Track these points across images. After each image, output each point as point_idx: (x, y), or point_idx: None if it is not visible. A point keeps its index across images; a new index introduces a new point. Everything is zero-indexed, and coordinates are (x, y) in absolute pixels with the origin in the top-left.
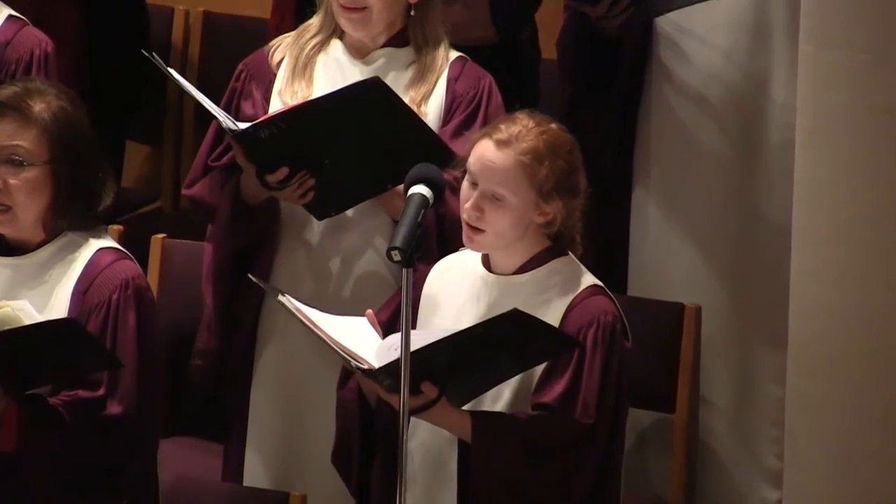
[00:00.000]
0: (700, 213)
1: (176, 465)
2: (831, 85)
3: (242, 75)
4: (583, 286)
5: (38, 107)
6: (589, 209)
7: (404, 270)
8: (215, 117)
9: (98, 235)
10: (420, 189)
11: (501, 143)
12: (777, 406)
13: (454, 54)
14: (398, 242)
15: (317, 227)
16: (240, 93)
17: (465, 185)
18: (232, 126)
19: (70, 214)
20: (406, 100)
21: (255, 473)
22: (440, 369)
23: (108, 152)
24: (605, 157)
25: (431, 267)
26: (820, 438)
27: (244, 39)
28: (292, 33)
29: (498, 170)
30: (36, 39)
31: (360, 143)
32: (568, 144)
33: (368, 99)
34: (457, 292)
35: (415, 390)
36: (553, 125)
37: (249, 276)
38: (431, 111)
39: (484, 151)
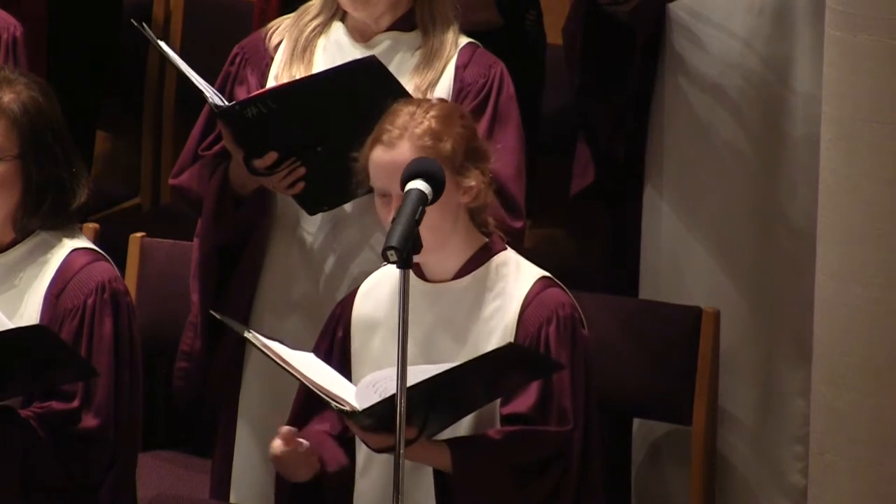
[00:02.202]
0: (717, 213)
1: (156, 481)
2: (859, 71)
3: (237, 59)
4: (532, 281)
5: (7, 97)
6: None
7: (401, 272)
8: (206, 101)
9: (72, 235)
10: (418, 184)
11: (394, 141)
12: (802, 421)
13: (464, 40)
14: (394, 242)
15: (312, 224)
16: (234, 77)
17: (378, 202)
18: (219, 102)
19: (42, 212)
20: (411, 87)
21: (244, 487)
22: (421, 407)
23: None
24: (617, 150)
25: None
26: (847, 453)
27: (228, 18)
28: (291, 15)
29: (404, 167)
30: (4, 22)
31: (356, 130)
32: (457, 110)
33: (363, 79)
34: (393, 309)
35: (391, 428)
36: (434, 101)
37: (212, 312)
38: None
39: (380, 158)
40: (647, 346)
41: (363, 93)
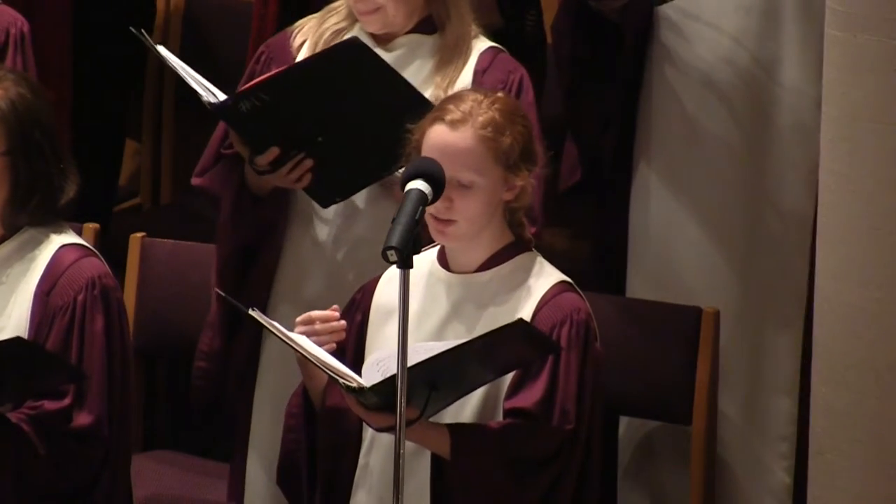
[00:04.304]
0: (705, 209)
1: (156, 481)
2: (859, 72)
3: (262, 57)
4: (551, 283)
5: None
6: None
7: (401, 272)
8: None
9: (60, 231)
10: (418, 184)
11: (456, 123)
12: (788, 419)
13: (486, 43)
14: (394, 242)
15: (326, 223)
16: (258, 76)
17: None
18: (212, 100)
19: (30, 209)
20: (432, 86)
21: (258, 489)
22: (424, 385)
23: (108, 148)
24: (605, 149)
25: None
26: (847, 453)
27: (228, 19)
28: (316, 15)
29: (461, 152)
30: (11, 18)
31: (351, 115)
32: (520, 109)
33: (349, 61)
34: (413, 296)
35: (394, 407)
36: (500, 94)
37: (217, 290)
38: None
39: (440, 136)
40: (647, 346)
41: (349, 73)
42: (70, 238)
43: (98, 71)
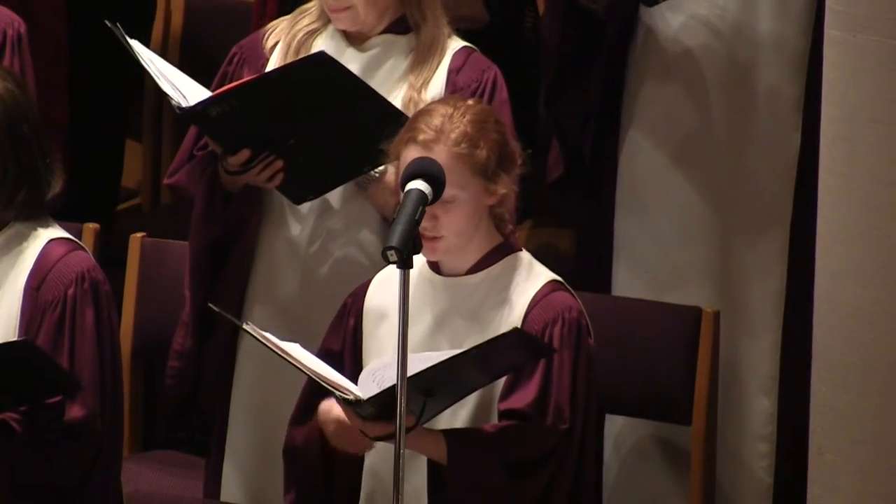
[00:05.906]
0: (683, 209)
1: (155, 481)
2: (860, 71)
3: (235, 59)
4: (541, 282)
5: None
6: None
7: (400, 272)
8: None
9: (46, 224)
10: (418, 185)
11: (429, 143)
12: (766, 419)
13: (459, 43)
14: (394, 242)
15: (299, 220)
16: (231, 77)
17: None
18: (182, 103)
19: (17, 204)
20: (405, 87)
21: (233, 487)
22: (420, 393)
23: (109, 149)
24: (584, 144)
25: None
26: (847, 453)
27: (228, 20)
28: (288, 16)
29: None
30: (8, 19)
31: (322, 121)
32: (491, 114)
33: (318, 74)
34: None
35: (389, 416)
36: (469, 101)
37: (210, 305)
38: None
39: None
40: (647, 346)
41: (319, 84)
42: (57, 232)
43: (96, 71)
